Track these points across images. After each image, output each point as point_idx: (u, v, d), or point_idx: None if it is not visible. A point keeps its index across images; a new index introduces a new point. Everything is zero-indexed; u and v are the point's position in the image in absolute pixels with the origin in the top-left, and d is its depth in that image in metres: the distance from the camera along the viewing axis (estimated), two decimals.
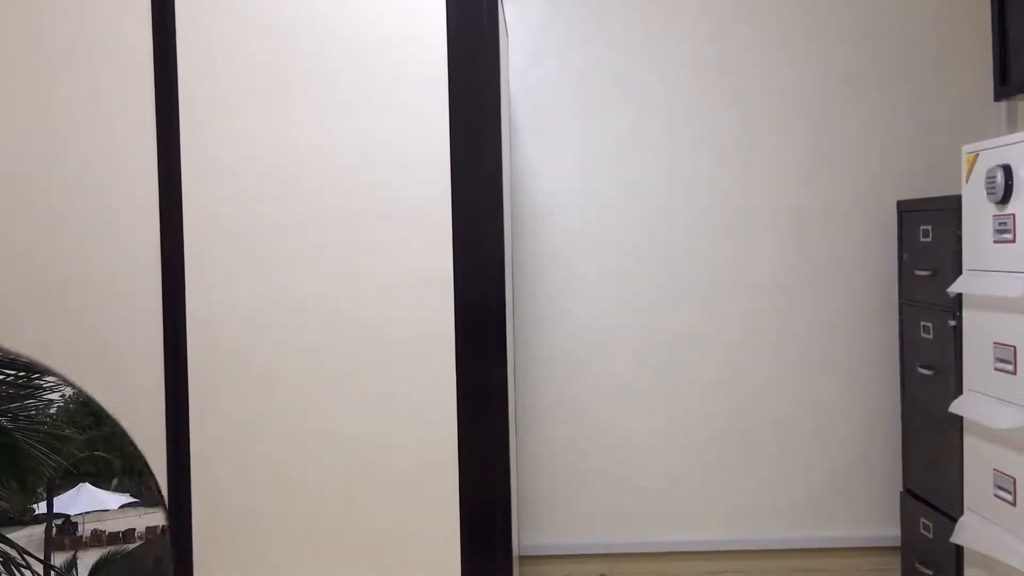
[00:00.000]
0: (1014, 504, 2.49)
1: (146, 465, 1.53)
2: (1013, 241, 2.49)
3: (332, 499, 2.57)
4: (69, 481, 1.51)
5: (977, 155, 2.69)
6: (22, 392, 1.47)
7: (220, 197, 3.06)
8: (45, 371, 1.51)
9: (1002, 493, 2.55)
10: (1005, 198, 2.52)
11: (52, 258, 3.08)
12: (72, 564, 1.21)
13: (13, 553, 1.15)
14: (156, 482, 1.41)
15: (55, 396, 1.61)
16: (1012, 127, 3.23)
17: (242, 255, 3.00)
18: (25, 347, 3.00)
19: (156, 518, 1.18)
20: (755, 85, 3.35)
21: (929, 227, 3.00)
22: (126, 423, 3.07)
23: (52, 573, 1.18)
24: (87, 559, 1.22)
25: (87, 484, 1.52)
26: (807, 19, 3.35)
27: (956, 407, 2.73)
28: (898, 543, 3.28)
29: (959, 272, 2.75)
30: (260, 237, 2.59)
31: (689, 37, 3.36)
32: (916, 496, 3.15)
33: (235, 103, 3.08)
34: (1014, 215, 2.49)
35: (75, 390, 1.43)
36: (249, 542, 3.03)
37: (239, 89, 3.10)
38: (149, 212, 3.09)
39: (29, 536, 1.17)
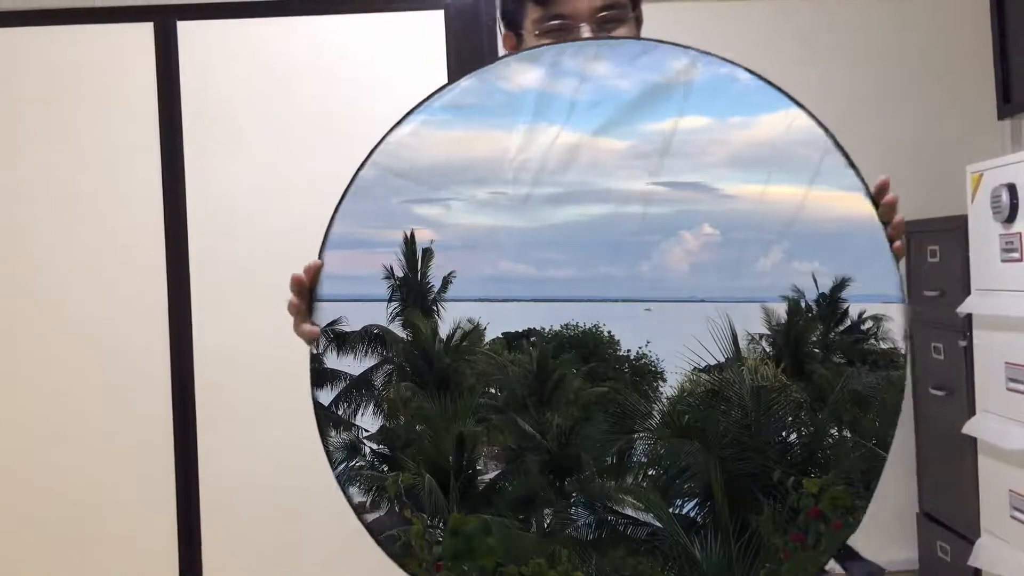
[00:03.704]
0: None
1: None
2: (1020, 260, 2.48)
3: (338, 534, 2.56)
4: None
5: (982, 175, 2.68)
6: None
7: (225, 237, 3.08)
8: None
9: (1018, 515, 2.51)
10: (1011, 217, 2.51)
11: (58, 298, 3.11)
12: None
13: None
14: None
15: None
16: (1016, 146, 3.22)
17: (247, 296, 3.02)
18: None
19: None
20: None
21: (936, 247, 2.98)
22: (135, 461, 3.08)
23: None
24: None
25: None
26: (808, 42, 3.35)
27: (969, 428, 2.71)
28: (916, 566, 3.23)
29: (968, 292, 2.74)
30: (264, 277, 2.60)
31: None
32: (933, 519, 3.11)
33: (239, 146, 3.12)
34: (1020, 234, 2.48)
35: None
36: (257, 566, 3.03)
37: (244, 133, 3.14)
38: (155, 252, 3.12)
39: None
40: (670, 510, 1.08)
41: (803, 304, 1.10)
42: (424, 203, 1.08)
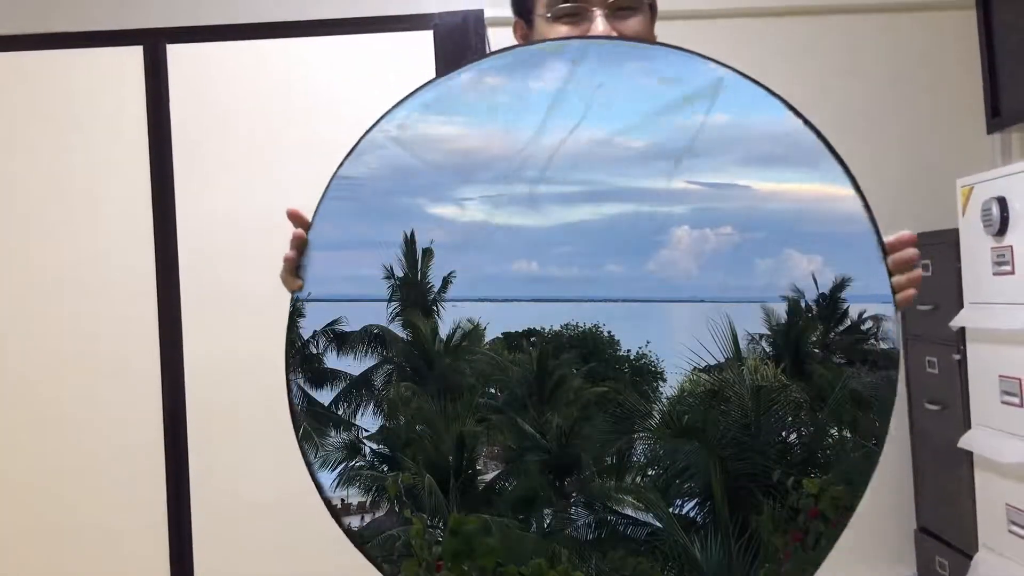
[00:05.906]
0: None
1: None
2: (1012, 273, 2.49)
3: (334, 555, 2.54)
4: None
5: (972, 188, 2.70)
6: None
7: (215, 259, 3.08)
8: None
9: (1016, 528, 2.51)
10: (1002, 230, 2.53)
11: (48, 318, 3.10)
12: None
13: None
14: None
15: None
16: (1006, 159, 3.24)
17: (237, 316, 3.02)
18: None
19: None
20: None
21: (928, 261, 3.00)
22: (125, 478, 3.06)
23: None
24: None
25: None
26: (797, 58, 3.39)
27: (965, 442, 2.71)
28: None
29: (961, 305, 2.75)
30: (254, 298, 2.60)
31: None
32: (931, 534, 3.10)
33: (230, 168, 3.12)
34: (1012, 247, 2.49)
35: None
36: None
37: (234, 155, 3.14)
38: (145, 275, 3.11)
39: None
40: (670, 510, 1.08)
41: (803, 304, 1.11)
42: (437, 202, 1.08)
